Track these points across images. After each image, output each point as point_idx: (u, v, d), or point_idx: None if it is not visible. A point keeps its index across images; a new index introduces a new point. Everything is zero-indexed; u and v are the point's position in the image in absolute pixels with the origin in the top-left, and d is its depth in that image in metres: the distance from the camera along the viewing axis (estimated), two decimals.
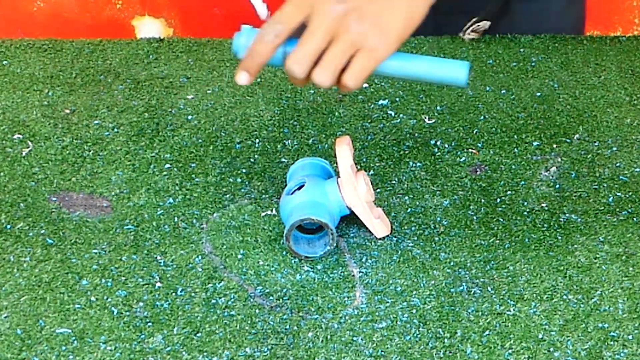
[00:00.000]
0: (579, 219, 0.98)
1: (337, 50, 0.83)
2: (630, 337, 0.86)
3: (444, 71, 0.86)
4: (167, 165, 1.04)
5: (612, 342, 0.85)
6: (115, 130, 1.09)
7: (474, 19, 1.25)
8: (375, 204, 0.96)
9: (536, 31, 1.26)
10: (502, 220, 0.98)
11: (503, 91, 1.16)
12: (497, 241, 0.95)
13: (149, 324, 0.86)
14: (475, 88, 1.16)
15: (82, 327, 0.86)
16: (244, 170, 1.04)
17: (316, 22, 0.82)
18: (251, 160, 1.05)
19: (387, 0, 0.82)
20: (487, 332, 0.86)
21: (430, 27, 1.28)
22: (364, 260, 0.93)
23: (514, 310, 0.88)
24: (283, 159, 1.05)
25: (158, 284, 0.90)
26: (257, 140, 1.08)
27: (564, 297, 0.89)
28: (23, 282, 0.90)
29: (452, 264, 0.93)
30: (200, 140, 1.08)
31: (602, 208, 0.99)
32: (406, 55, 0.86)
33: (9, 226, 0.96)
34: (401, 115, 1.12)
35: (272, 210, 0.99)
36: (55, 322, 0.86)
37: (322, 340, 0.85)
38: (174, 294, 0.89)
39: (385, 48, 0.83)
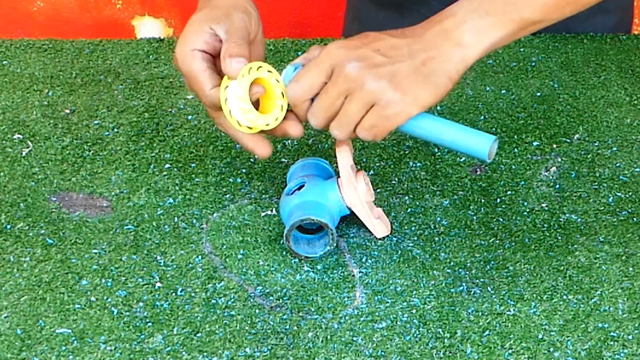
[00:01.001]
0: (579, 219, 0.98)
1: (351, 108, 0.85)
2: (630, 337, 0.86)
3: (467, 144, 0.87)
4: (167, 165, 1.04)
5: (612, 342, 0.85)
6: (115, 130, 1.09)
7: None
8: (375, 204, 0.96)
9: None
10: (502, 220, 0.98)
11: (503, 91, 1.16)
12: (497, 241, 0.95)
13: (149, 324, 0.86)
14: (475, 88, 1.16)
15: (82, 327, 0.86)
16: (244, 170, 1.04)
17: (333, 79, 0.84)
18: (251, 160, 1.05)
19: (407, 64, 0.83)
20: (487, 332, 0.86)
21: None
22: (364, 260, 0.93)
23: (514, 310, 0.88)
24: (283, 159, 1.05)
25: (158, 284, 0.90)
26: None
27: (564, 297, 0.89)
28: (23, 282, 0.90)
29: (452, 264, 0.93)
30: (200, 140, 1.08)
31: (602, 208, 0.99)
32: (431, 119, 0.87)
33: (9, 226, 0.96)
34: None
35: (272, 210, 0.99)
36: (55, 322, 0.86)
37: (322, 340, 0.85)
38: (174, 294, 0.89)
39: (402, 108, 0.84)
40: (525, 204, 1.00)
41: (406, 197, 1.01)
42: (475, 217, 0.98)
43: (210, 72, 0.88)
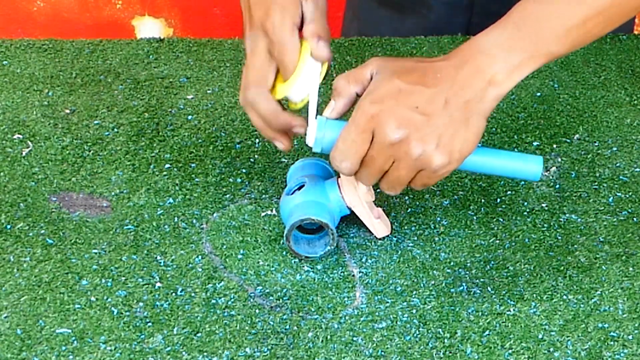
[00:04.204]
0: (579, 219, 0.98)
1: (401, 174, 0.85)
2: (630, 337, 0.86)
3: (519, 167, 0.89)
4: (167, 165, 1.04)
5: (612, 342, 0.85)
6: (115, 130, 1.09)
7: None
8: (375, 204, 0.96)
9: None
10: (502, 220, 0.98)
11: None
12: (497, 241, 0.95)
13: (149, 324, 0.86)
14: None
15: (82, 327, 0.86)
16: (244, 170, 1.04)
17: (377, 148, 0.84)
18: (251, 160, 1.05)
19: (446, 118, 0.83)
20: (487, 332, 0.86)
21: (464, 29, 1.28)
22: (364, 260, 0.93)
23: (514, 310, 0.88)
24: (283, 159, 1.05)
25: (158, 284, 0.90)
26: (257, 140, 1.08)
27: (564, 297, 0.89)
28: (23, 282, 0.90)
29: (452, 264, 0.93)
30: (200, 140, 1.08)
31: (602, 208, 0.99)
32: (474, 156, 0.88)
33: (9, 226, 0.96)
34: None
35: (272, 210, 0.99)
36: (55, 322, 0.86)
37: (322, 340, 0.85)
38: (174, 294, 0.89)
39: (449, 168, 0.84)
40: (525, 204, 1.00)
41: (406, 197, 1.01)
42: (475, 217, 0.98)
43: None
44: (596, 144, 1.08)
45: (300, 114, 0.91)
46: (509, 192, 1.01)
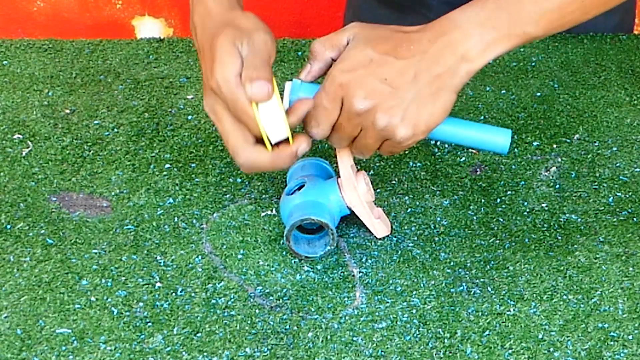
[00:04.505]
0: (579, 219, 0.98)
1: (368, 141, 0.87)
2: (630, 337, 0.86)
3: (487, 138, 0.90)
4: (167, 165, 1.04)
5: (612, 342, 0.85)
6: (115, 130, 1.09)
7: None
8: (375, 204, 0.96)
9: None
10: (502, 220, 0.98)
11: (503, 91, 1.16)
12: (497, 241, 0.95)
13: (149, 324, 0.86)
14: (475, 88, 1.16)
15: (82, 327, 0.86)
16: None
17: (345, 116, 0.86)
18: None
19: (415, 90, 0.83)
20: (487, 332, 0.86)
21: None
22: (364, 260, 0.93)
23: (514, 310, 0.88)
24: None
25: (158, 284, 0.90)
26: None
27: (564, 297, 0.89)
28: (23, 282, 0.90)
29: (452, 264, 0.93)
30: (200, 140, 1.08)
31: (602, 208, 0.99)
32: (450, 121, 0.88)
33: (9, 226, 0.96)
34: None
35: (272, 210, 0.99)
36: (55, 322, 0.86)
37: (322, 340, 0.85)
38: (174, 294, 0.89)
39: (414, 139, 0.85)
40: (525, 204, 1.00)
41: (406, 197, 1.01)
42: (475, 217, 0.98)
43: None
44: (596, 144, 1.08)
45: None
46: (509, 192, 1.01)
